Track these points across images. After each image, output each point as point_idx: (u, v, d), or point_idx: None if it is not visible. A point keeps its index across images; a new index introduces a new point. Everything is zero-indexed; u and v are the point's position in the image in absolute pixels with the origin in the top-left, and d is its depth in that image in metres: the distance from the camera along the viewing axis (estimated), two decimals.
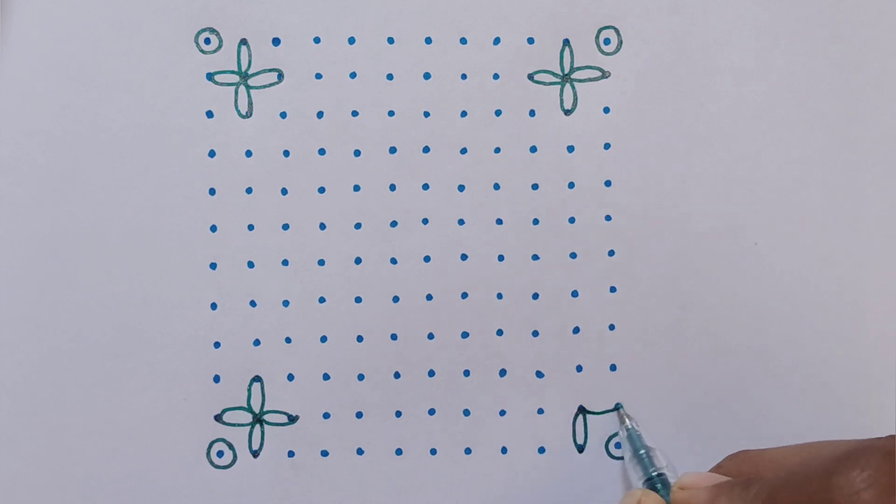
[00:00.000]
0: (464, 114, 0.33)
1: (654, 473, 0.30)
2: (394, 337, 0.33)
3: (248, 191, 0.33)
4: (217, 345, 0.32)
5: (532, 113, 0.33)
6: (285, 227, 0.33)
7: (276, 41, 0.32)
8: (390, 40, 0.33)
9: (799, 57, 0.33)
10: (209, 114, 0.32)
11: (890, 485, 0.23)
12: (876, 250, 0.33)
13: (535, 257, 0.33)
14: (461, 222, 0.33)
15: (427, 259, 0.33)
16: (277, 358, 0.33)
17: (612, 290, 0.33)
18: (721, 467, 0.30)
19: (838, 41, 0.33)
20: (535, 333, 0.33)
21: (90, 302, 0.32)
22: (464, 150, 0.33)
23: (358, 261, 0.33)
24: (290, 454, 0.33)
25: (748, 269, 0.33)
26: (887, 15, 0.33)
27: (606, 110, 0.33)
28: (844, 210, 0.33)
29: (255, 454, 0.32)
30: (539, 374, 0.33)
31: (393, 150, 0.33)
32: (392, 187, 0.33)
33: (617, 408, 0.33)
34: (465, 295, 0.33)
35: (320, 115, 0.33)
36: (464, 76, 0.33)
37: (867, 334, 0.33)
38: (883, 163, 0.33)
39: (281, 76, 0.33)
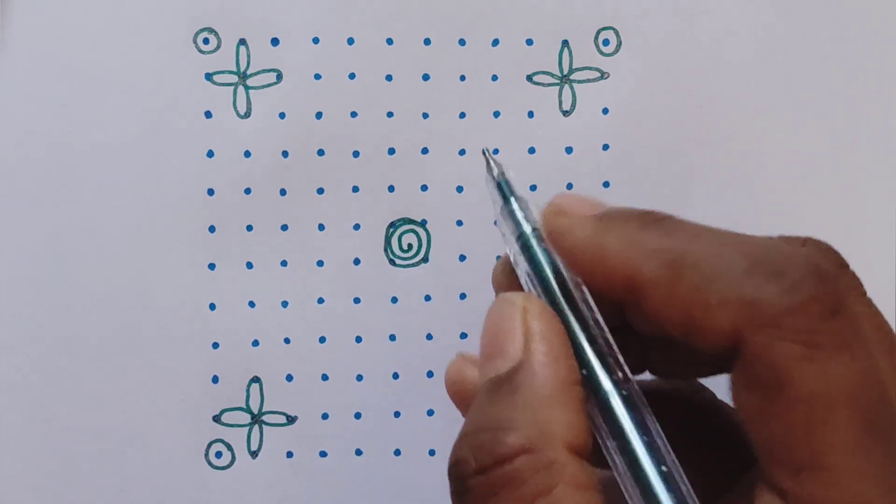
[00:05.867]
0: (462, 115, 0.33)
1: (531, 229, 0.24)
2: (392, 338, 0.33)
3: (247, 191, 0.33)
4: (216, 345, 0.32)
5: (531, 114, 0.33)
6: (284, 227, 0.33)
7: (274, 41, 0.32)
8: (389, 41, 0.32)
9: (799, 57, 0.33)
10: (208, 114, 0.32)
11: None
12: (875, 251, 0.33)
13: None
14: (459, 223, 0.33)
15: (426, 260, 0.33)
16: (276, 358, 0.33)
17: None
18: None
19: (838, 41, 0.33)
20: None
21: (88, 302, 0.32)
22: (462, 152, 0.33)
23: (356, 262, 0.33)
24: (289, 455, 0.33)
25: None
26: (887, 15, 0.33)
27: (605, 111, 0.33)
28: (844, 211, 0.33)
29: (254, 455, 0.33)
30: None
31: (391, 151, 0.33)
32: (391, 188, 0.33)
33: (484, 153, 0.26)
34: (463, 296, 0.33)
35: (319, 115, 0.33)
36: (462, 77, 0.33)
37: None
38: (883, 163, 0.33)
39: (280, 76, 0.32)
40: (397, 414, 0.33)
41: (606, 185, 0.33)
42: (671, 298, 0.22)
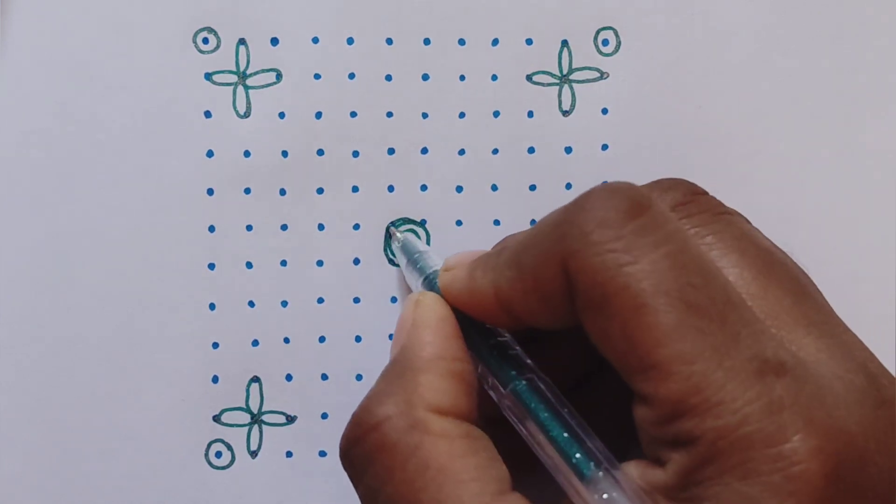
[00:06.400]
0: (462, 115, 0.33)
1: (430, 272, 0.29)
2: (392, 338, 0.33)
3: (247, 191, 0.33)
4: (215, 345, 0.32)
5: (530, 114, 0.33)
6: (284, 227, 0.33)
7: (274, 41, 0.32)
8: (389, 41, 0.32)
9: (799, 57, 0.33)
10: (207, 114, 0.32)
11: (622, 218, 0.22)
12: (875, 251, 0.33)
13: None
14: (459, 223, 0.33)
15: None
16: (276, 358, 0.33)
17: None
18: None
19: (838, 41, 0.33)
20: None
21: (88, 302, 0.32)
22: (462, 152, 0.33)
23: (356, 261, 0.33)
24: (289, 455, 0.33)
25: None
26: (887, 15, 0.33)
27: (605, 111, 0.33)
28: (844, 211, 0.33)
29: (254, 455, 0.33)
30: None
31: (391, 151, 0.33)
32: (390, 188, 0.33)
33: (387, 229, 0.32)
34: None
35: (319, 115, 0.33)
36: (462, 77, 0.33)
37: (866, 336, 0.33)
38: (883, 163, 0.33)
39: (279, 76, 0.32)
40: None
41: None
42: (523, 292, 0.24)
